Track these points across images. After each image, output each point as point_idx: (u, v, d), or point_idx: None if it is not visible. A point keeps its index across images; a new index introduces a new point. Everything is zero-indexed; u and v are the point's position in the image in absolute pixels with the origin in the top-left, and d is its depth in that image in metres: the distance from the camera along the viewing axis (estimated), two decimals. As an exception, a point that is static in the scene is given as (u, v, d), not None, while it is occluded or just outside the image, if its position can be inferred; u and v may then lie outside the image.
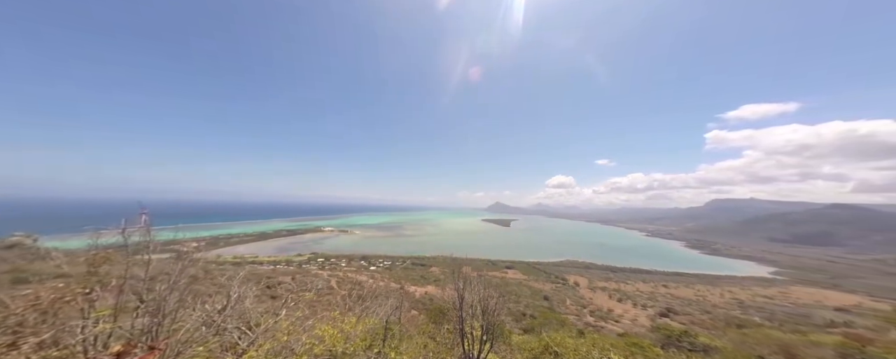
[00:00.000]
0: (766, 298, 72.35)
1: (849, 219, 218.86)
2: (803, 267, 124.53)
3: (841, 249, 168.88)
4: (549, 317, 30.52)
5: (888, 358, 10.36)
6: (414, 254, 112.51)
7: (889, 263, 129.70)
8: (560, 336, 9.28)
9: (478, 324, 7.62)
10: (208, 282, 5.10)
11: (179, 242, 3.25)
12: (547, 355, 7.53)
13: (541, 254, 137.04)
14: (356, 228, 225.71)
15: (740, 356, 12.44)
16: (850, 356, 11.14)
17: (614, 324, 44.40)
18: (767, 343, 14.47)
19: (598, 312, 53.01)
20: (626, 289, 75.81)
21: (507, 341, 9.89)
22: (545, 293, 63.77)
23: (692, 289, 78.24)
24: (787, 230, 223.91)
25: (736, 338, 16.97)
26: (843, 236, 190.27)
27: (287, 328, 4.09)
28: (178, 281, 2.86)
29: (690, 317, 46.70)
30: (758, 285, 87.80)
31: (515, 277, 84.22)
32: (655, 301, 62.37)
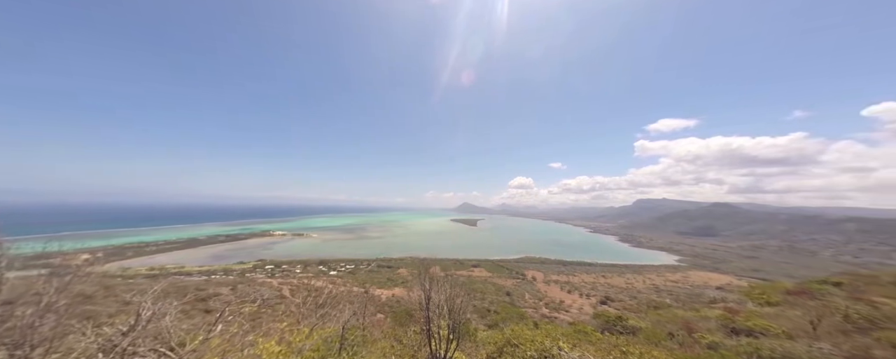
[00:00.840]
0: (673, 282, 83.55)
1: (724, 214, 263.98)
2: (697, 255, 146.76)
3: (719, 239, 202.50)
4: (511, 311, 31.43)
5: (747, 324, 12.88)
6: (380, 256, 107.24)
7: (747, 249, 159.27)
8: (519, 329, 9.44)
9: (444, 323, 7.50)
10: (110, 300, 4.00)
11: (61, 255, 2.51)
12: (508, 348, 7.77)
13: (504, 252, 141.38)
14: (314, 230, 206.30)
15: (656, 334, 14.08)
16: (725, 326, 13.94)
17: (565, 314, 47.30)
18: (674, 321, 16.74)
19: (552, 303, 56.08)
20: (574, 281, 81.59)
21: (473, 337, 9.80)
22: (507, 289, 65.75)
23: (623, 278, 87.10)
24: (688, 224, 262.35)
25: (653, 318, 19.27)
26: (720, 229, 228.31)
27: (220, 347, 3.47)
28: (55, 302, 2.19)
29: (623, 303, 51.87)
30: (668, 272, 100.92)
31: (481, 275, 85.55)
32: (596, 290, 68.10)
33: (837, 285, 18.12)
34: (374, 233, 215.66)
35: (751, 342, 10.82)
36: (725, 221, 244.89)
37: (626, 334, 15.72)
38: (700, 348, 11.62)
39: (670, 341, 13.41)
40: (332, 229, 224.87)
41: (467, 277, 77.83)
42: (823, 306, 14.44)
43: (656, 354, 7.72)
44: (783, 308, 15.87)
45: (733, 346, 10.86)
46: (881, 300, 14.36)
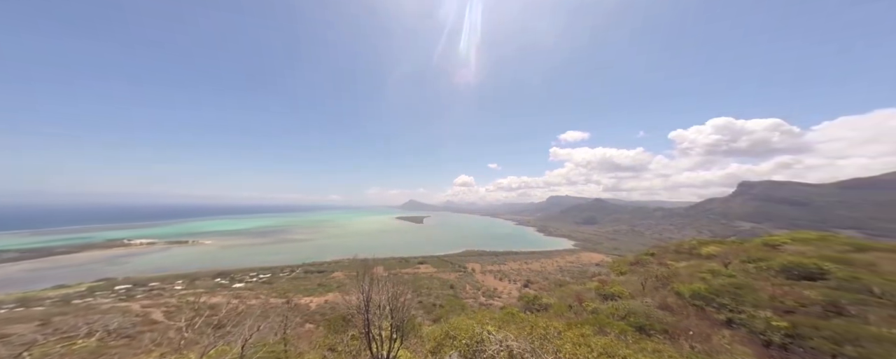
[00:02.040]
0: (570, 262, 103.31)
1: (600, 208, 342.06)
2: (585, 239, 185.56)
3: (598, 226, 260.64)
4: (454, 303, 33.14)
5: (611, 290, 17.68)
6: (309, 261, 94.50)
7: (611, 233, 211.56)
8: (458, 320, 9.69)
9: (387, 323, 7.05)
10: None
11: None
12: (447, 340, 7.57)
13: (448, 247, 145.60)
14: (206, 236, 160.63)
15: (560, 307, 17.67)
16: (600, 294, 18.08)
17: (498, 300, 52.60)
18: (571, 294, 21.32)
19: (488, 291, 61.31)
20: (505, 269, 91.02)
21: (417, 334, 9.53)
22: (451, 283, 68.28)
23: (539, 262, 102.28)
24: (580, 216, 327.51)
25: (558, 294, 23.98)
26: (598, 219, 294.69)
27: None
28: None
29: (539, 284, 61.24)
30: (568, 254, 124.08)
31: (427, 271, 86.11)
32: (521, 276, 77.94)
33: (652, 255, 26.53)
34: (299, 235, 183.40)
35: (613, 304, 15.15)
36: (601, 213, 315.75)
37: (541, 311, 19.25)
38: (586, 313, 15.38)
39: (568, 311, 17.16)
40: (237, 234, 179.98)
41: (413, 274, 77.32)
42: (646, 272, 21.15)
43: (555, 324, 8.87)
44: (628, 276, 22.32)
45: (605, 309, 14.88)
46: (671, 263, 22.06)
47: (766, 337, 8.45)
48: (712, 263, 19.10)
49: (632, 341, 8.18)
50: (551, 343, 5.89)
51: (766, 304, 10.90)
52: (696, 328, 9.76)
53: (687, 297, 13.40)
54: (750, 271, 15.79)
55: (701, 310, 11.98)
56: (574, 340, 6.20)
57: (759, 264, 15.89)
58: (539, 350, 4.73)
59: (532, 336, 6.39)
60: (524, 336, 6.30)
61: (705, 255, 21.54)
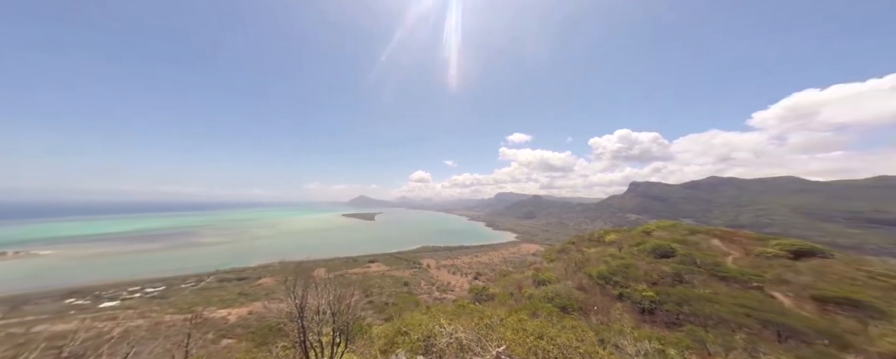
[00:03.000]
0: (513, 253, 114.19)
1: (537, 203, 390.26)
2: (525, 232, 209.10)
3: (535, 220, 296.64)
4: (408, 300, 32.81)
5: (544, 277, 20.61)
6: (226, 266, 77.89)
7: (545, 226, 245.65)
8: (411, 317, 9.61)
9: (329, 328, 6.73)
10: None
11: None
12: (399, 337, 7.43)
13: (403, 244, 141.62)
14: (51, 244, 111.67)
15: (503, 296, 19.57)
16: (535, 280, 20.57)
17: (451, 294, 54.36)
18: (512, 283, 23.90)
19: (442, 286, 62.69)
20: (458, 263, 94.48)
21: (366, 335, 9.27)
22: (405, 280, 67.03)
23: (487, 255, 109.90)
24: (521, 211, 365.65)
25: (502, 284, 26.48)
26: (536, 213, 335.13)
27: None
28: None
29: (487, 276, 65.98)
30: (511, 246, 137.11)
31: (379, 269, 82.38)
32: (472, 269, 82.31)
33: (572, 244, 31.82)
34: (210, 238, 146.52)
35: (545, 289, 17.61)
36: (538, 208, 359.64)
37: (488, 301, 20.90)
38: (524, 299, 17.46)
39: (510, 298, 19.12)
40: (104, 239, 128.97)
41: (362, 274, 73.04)
42: (568, 258, 25.26)
43: (499, 312, 9.56)
44: (556, 263, 26.29)
45: (538, 294, 17.16)
46: (586, 250, 26.93)
47: (640, 305, 11.21)
48: (612, 248, 24.19)
49: (556, 320, 9.68)
50: (495, 331, 6.43)
51: (642, 278, 14.47)
52: (600, 303, 12.24)
53: (595, 277, 16.63)
54: (634, 252, 20.58)
55: (603, 287, 14.96)
56: (513, 325, 6.91)
57: (639, 247, 20.87)
58: (484, 339, 5.11)
59: (478, 326, 6.86)
60: (472, 327, 6.79)
61: (608, 241, 27.08)
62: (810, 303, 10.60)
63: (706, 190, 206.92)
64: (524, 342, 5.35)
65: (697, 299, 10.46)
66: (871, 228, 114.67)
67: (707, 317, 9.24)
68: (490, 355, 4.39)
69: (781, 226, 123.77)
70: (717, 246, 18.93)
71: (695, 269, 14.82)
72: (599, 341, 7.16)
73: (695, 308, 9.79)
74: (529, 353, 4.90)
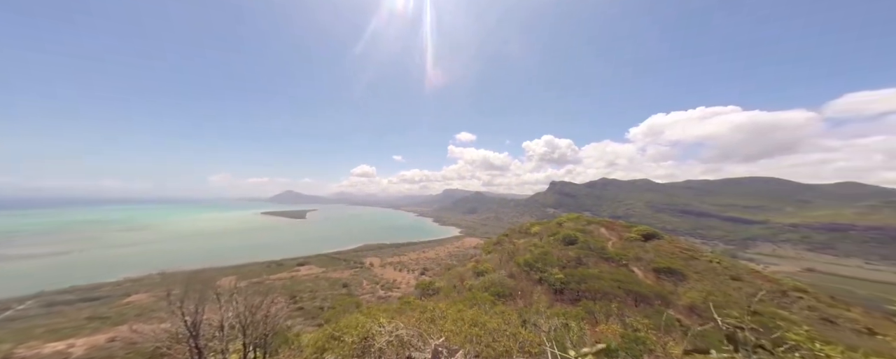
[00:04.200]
0: (457, 248, 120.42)
1: (479, 199, 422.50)
2: (468, 226, 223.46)
3: (478, 215, 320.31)
4: (347, 302, 30.39)
5: (482, 268, 22.41)
6: (62, 285, 57.44)
7: (485, 220, 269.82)
8: (347, 319, 8.77)
9: (238, 345, 5.98)
10: None
11: None
12: (331, 343, 6.95)
13: (343, 242, 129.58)
14: None
15: (447, 289, 20.32)
16: (475, 272, 22.28)
17: (397, 291, 53.03)
18: (456, 276, 25.10)
19: (387, 284, 60.49)
20: (404, 260, 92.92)
21: (293, 344, 8.45)
22: (344, 281, 61.84)
23: (434, 251, 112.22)
24: (465, 206, 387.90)
25: (447, 277, 27.53)
26: (479, 208, 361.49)
27: None
28: None
29: (433, 271, 67.34)
30: (455, 241, 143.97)
31: (311, 272, 73.36)
32: (419, 264, 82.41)
33: (506, 236, 35.72)
34: (33, 248, 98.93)
35: (483, 279, 19.12)
36: (480, 204, 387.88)
37: (434, 295, 21.31)
38: (466, 290, 18.52)
39: (453, 291, 19.97)
40: None
41: (289, 278, 63.95)
42: (502, 249, 28.20)
43: (441, 305, 9.34)
44: (492, 254, 28.97)
45: (477, 284, 18.50)
46: (516, 241, 30.66)
47: (554, 287, 13.44)
48: (535, 239, 28.30)
49: (489, 307, 10.60)
50: (436, 324, 6.47)
51: (555, 263, 17.43)
52: (525, 289, 14.12)
53: (521, 265, 19.09)
54: (550, 242, 24.60)
55: (528, 274, 17.28)
56: (453, 317, 7.12)
57: (554, 237, 25.07)
58: (425, 334, 5.05)
59: (420, 321, 6.75)
60: (414, 323, 6.79)
61: (533, 233, 31.54)
62: (652, 274, 15.09)
63: (599, 189, 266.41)
64: (462, 332, 5.54)
65: (590, 277, 13.30)
66: (682, 217, 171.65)
67: (596, 292, 11.84)
68: (429, 348, 4.33)
69: (639, 217, 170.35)
70: (603, 234, 24.57)
71: (590, 253, 18.77)
72: (522, 321, 8.15)
73: (589, 285, 12.39)
74: (466, 341, 5.07)
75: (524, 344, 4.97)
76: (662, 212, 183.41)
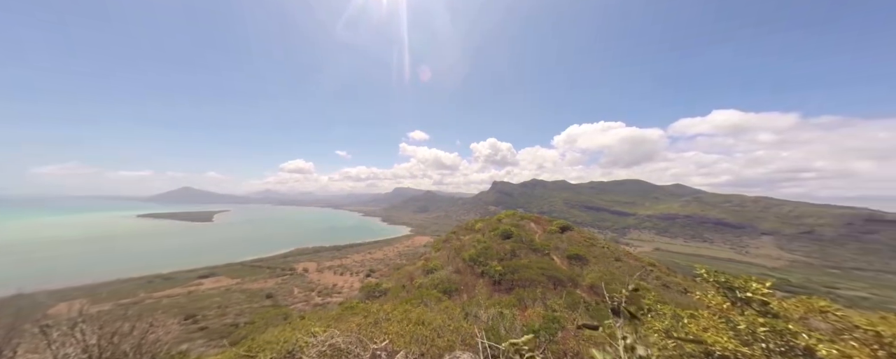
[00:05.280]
0: (407, 246, 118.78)
1: (430, 198, 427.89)
2: (419, 225, 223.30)
3: (429, 214, 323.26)
4: (272, 315, 25.92)
5: (431, 265, 22.77)
6: None
7: (435, 219, 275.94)
8: (267, 334, 7.75)
9: None
10: None
11: None
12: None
13: (266, 248, 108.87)
14: None
15: (396, 289, 19.71)
16: (425, 270, 22.67)
17: (338, 296, 48.05)
18: (405, 275, 24.70)
19: (325, 290, 54.09)
20: (347, 262, 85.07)
21: None
22: (268, 291, 52.35)
23: (383, 251, 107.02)
24: (416, 205, 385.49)
25: (396, 277, 26.72)
26: (430, 207, 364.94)
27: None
28: None
29: (381, 271, 64.11)
30: (405, 240, 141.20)
31: (219, 285, 59.52)
32: (364, 266, 76.95)
33: (454, 233, 37.24)
34: None
35: (431, 277, 19.33)
36: (431, 203, 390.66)
37: (381, 296, 20.25)
38: (415, 289, 18.32)
39: (402, 291, 19.47)
40: None
41: (186, 294, 50.65)
42: (450, 246, 29.23)
43: (386, 307, 8.92)
44: (441, 251, 29.69)
45: (427, 282, 18.54)
46: (463, 238, 32.29)
47: (494, 278, 14.77)
48: (479, 234, 30.49)
49: (435, 304, 10.79)
50: (381, 327, 6.12)
51: (495, 256, 19.22)
52: (470, 283, 15.02)
53: (467, 261, 20.25)
54: (491, 237, 26.96)
55: (472, 268, 18.44)
56: (399, 317, 6.89)
57: (494, 232, 27.60)
58: (365, 339, 4.66)
59: (362, 325, 6.23)
60: (354, 328, 6.24)
61: (477, 229, 33.81)
62: (566, 260, 18.48)
63: (530, 188, 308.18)
64: (406, 332, 5.38)
65: (522, 267, 15.24)
66: (586, 212, 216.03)
67: (526, 280, 13.64)
68: (368, 353, 4.02)
69: (558, 212, 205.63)
70: (532, 227, 28.55)
71: (522, 245, 21.48)
72: (465, 314, 8.58)
73: (520, 275, 14.15)
74: (410, 341, 4.93)
75: (465, 337, 5.25)
76: (574, 208, 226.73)
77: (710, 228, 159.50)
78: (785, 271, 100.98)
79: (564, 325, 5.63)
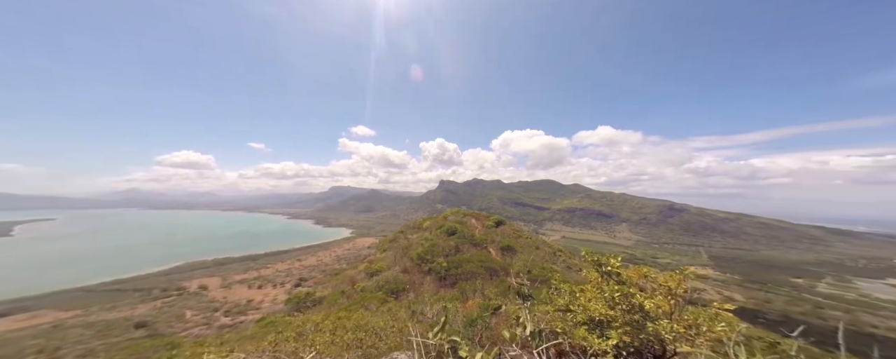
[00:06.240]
0: (347, 249, 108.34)
1: (375, 198, 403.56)
2: (362, 226, 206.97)
3: (374, 214, 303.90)
4: (145, 348, 19.28)
5: (376, 267, 21.70)
6: None
7: (381, 218, 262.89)
8: None
9: None
10: None
11: None
12: None
13: (131, 265, 78.71)
14: None
15: (334, 295, 17.79)
16: (368, 272, 21.27)
17: (255, 312, 39.18)
18: (345, 280, 22.64)
19: (236, 308, 43.19)
20: (266, 273, 70.41)
21: None
22: (138, 320, 38.20)
23: (316, 256, 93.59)
24: (359, 204, 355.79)
25: (334, 283, 24.11)
26: (375, 207, 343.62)
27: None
28: None
29: (314, 278, 55.90)
30: (345, 242, 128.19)
31: (35, 322, 40.27)
32: (292, 275, 65.37)
33: (401, 232, 36.48)
34: None
35: (377, 278, 18.35)
36: (376, 202, 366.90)
37: (315, 306, 17.79)
38: (357, 293, 16.98)
39: (342, 297, 17.70)
40: None
41: None
42: (397, 245, 28.50)
43: (315, 317, 8.06)
44: (388, 252, 28.59)
45: (371, 284, 17.50)
46: (410, 236, 31.99)
47: (440, 275, 15.33)
48: (426, 232, 30.91)
49: (377, 306, 10.40)
50: (306, 339, 5.45)
51: (441, 253, 19.95)
52: (418, 281, 15.09)
53: (414, 259, 20.24)
54: (438, 234, 27.81)
55: (419, 266, 18.57)
56: (331, 327, 6.32)
57: (440, 229, 28.58)
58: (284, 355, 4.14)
59: (278, 341, 5.38)
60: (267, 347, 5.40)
61: (424, 227, 34.19)
62: (499, 252, 21.01)
63: (472, 187, 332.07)
64: (341, 341, 4.98)
65: (464, 261, 16.41)
66: (516, 207, 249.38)
67: (468, 273, 14.78)
68: None
69: (495, 209, 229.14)
70: (473, 224, 31.04)
71: (465, 240, 23.05)
72: (411, 313, 8.59)
73: (463, 269, 15.22)
74: (347, 349, 4.61)
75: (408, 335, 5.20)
76: (506, 204, 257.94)
77: (595, 219, 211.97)
78: (633, 248, 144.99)
79: (496, 311, 6.45)
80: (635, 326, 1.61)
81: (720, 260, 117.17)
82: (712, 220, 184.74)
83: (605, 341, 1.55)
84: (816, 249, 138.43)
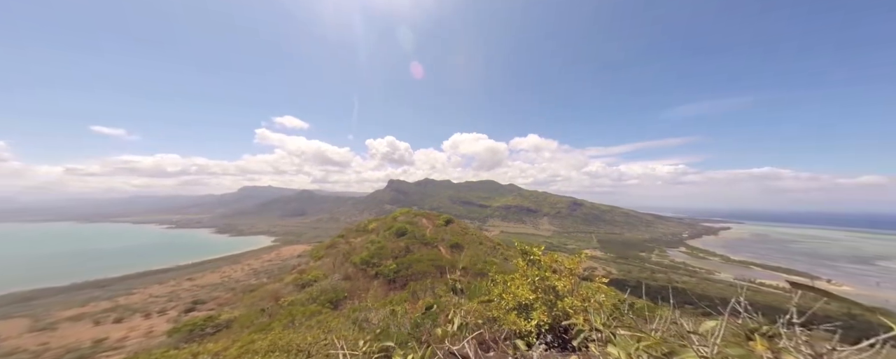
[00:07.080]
0: (269, 261, 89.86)
1: (308, 199, 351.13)
2: (289, 232, 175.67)
3: (306, 218, 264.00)
4: None
5: (309, 277, 19.03)
6: None
7: (317, 222, 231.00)
8: None
9: None
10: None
11: None
12: None
13: None
14: None
15: (249, 316, 14.58)
16: (298, 284, 18.06)
17: (113, 353, 27.56)
18: (266, 295, 18.89)
19: (70, 354, 29.32)
20: (130, 301, 50.90)
21: None
22: None
23: (218, 272, 73.54)
24: (285, 208, 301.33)
25: (248, 301, 19.70)
26: (307, 210, 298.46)
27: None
28: None
29: (218, 299, 43.67)
30: (264, 253, 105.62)
31: None
32: (179, 299, 49.24)
33: (342, 237, 33.13)
34: None
35: (309, 290, 16.03)
36: (309, 204, 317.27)
37: (219, 331, 14.08)
38: (282, 309, 14.37)
39: (261, 315, 14.62)
40: None
41: None
42: (337, 251, 25.72)
43: (211, 345, 6.99)
44: (324, 259, 25.39)
45: (302, 297, 15.14)
46: (352, 240, 29.38)
47: (388, 277, 14.79)
48: (373, 235, 29.08)
49: (306, 320, 9.25)
50: None
51: (389, 255, 19.26)
52: (362, 286, 14.05)
53: (358, 264, 18.78)
54: (386, 236, 26.68)
55: (364, 271, 17.38)
56: (235, 355, 5.38)
57: (389, 231, 27.54)
58: None
59: None
60: None
61: (371, 229, 32.08)
62: (449, 249, 21.95)
63: (423, 186, 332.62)
64: None
65: (415, 261, 16.39)
66: (463, 206, 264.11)
67: (419, 273, 14.84)
68: None
69: (445, 208, 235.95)
70: (424, 223, 31.27)
71: (415, 240, 22.98)
72: (353, 321, 8.03)
73: (413, 269, 15.18)
74: None
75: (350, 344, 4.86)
76: (455, 203, 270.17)
77: (525, 214, 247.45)
78: (551, 237, 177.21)
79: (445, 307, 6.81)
80: (549, 305, 2.03)
81: (604, 243, 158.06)
82: (599, 211, 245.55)
83: (529, 322, 1.87)
84: (650, 231, 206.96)
